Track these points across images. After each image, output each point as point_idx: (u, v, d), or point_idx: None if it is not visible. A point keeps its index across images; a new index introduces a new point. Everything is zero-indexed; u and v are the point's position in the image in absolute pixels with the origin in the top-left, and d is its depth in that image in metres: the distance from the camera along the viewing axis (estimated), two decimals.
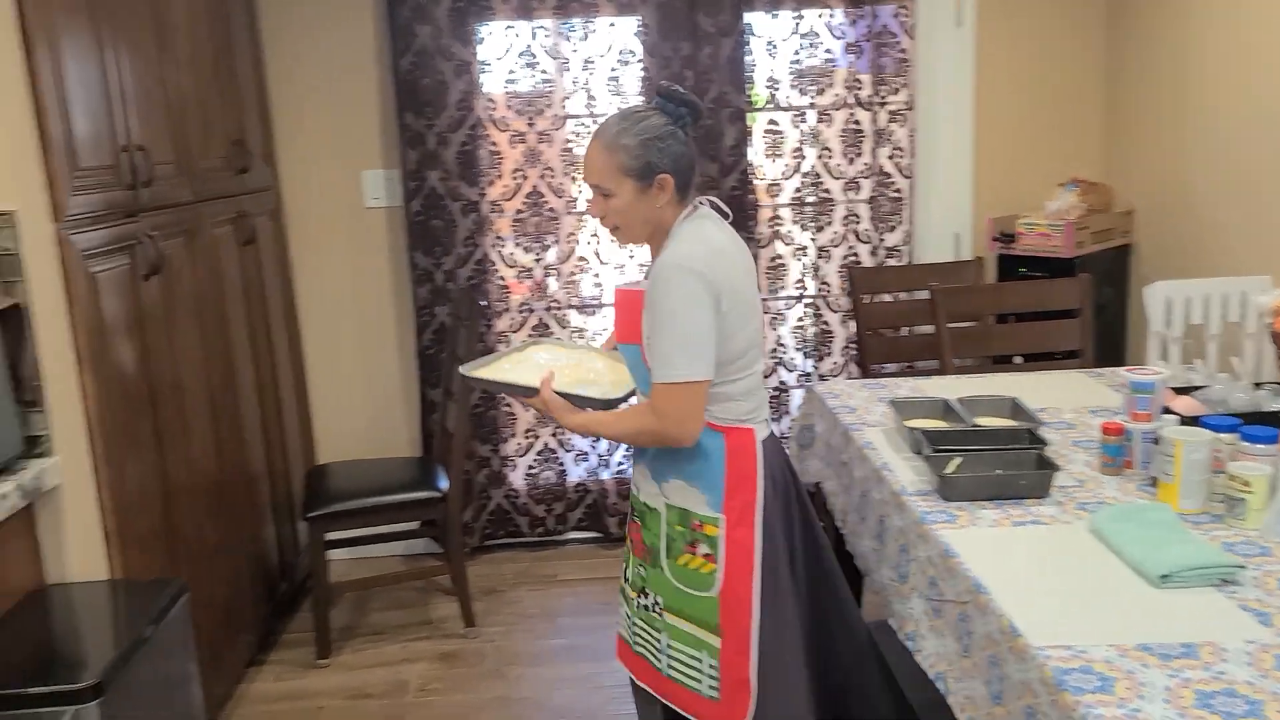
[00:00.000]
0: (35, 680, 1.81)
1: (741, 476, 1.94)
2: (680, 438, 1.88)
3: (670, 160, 1.88)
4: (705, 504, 1.95)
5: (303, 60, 3.65)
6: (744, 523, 1.93)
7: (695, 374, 1.84)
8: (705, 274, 1.82)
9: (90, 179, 2.33)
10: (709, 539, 1.94)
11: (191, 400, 2.80)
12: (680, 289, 1.81)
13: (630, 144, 1.86)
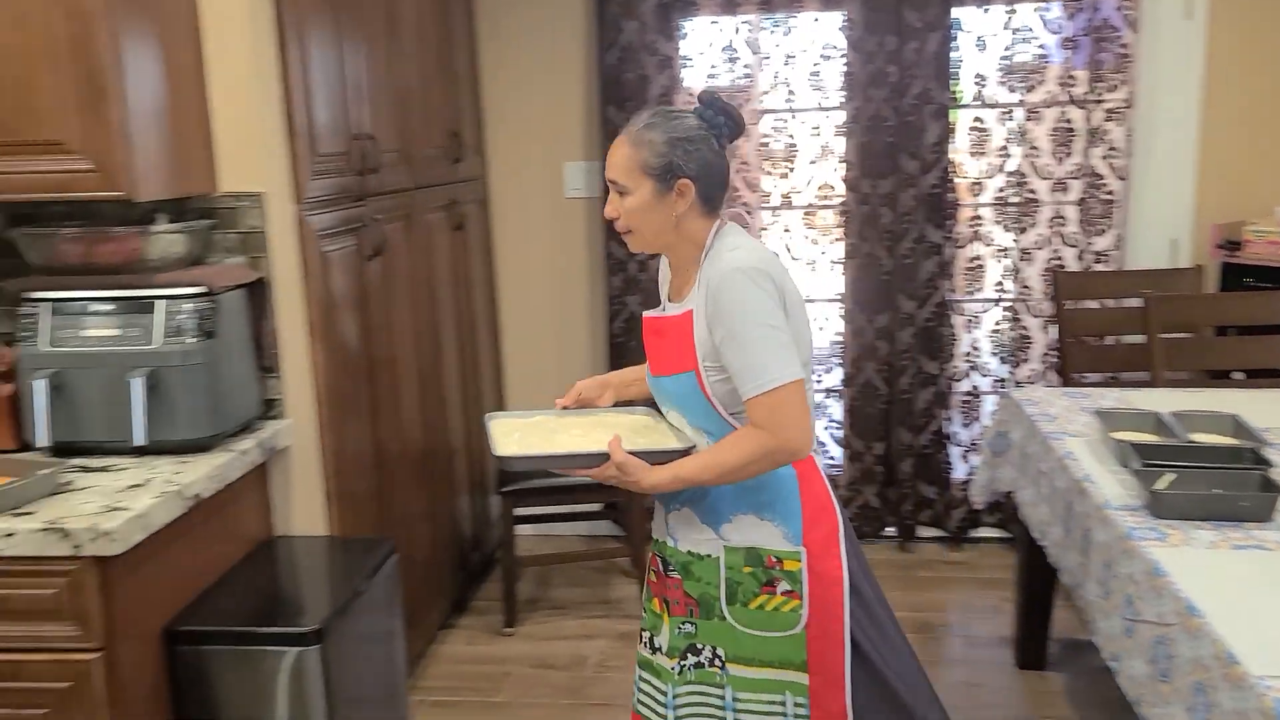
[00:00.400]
0: (264, 621, 1.99)
1: (819, 505, 1.81)
2: (799, 447, 1.70)
3: (695, 166, 1.73)
4: (782, 538, 1.79)
5: (513, 55, 3.81)
6: (829, 554, 1.80)
7: (793, 373, 1.68)
8: (771, 274, 1.71)
9: (326, 165, 2.52)
10: (790, 575, 1.79)
11: (403, 375, 2.99)
12: (755, 290, 1.68)
13: (656, 140, 1.73)
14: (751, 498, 1.80)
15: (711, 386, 1.75)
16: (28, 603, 1.75)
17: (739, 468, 1.71)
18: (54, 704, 1.77)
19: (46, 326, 2.07)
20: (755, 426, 1.69)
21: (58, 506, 1.81)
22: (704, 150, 1.74)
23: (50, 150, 1.93)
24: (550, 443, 1.82)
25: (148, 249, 2.10)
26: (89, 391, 2.05)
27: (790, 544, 1.79)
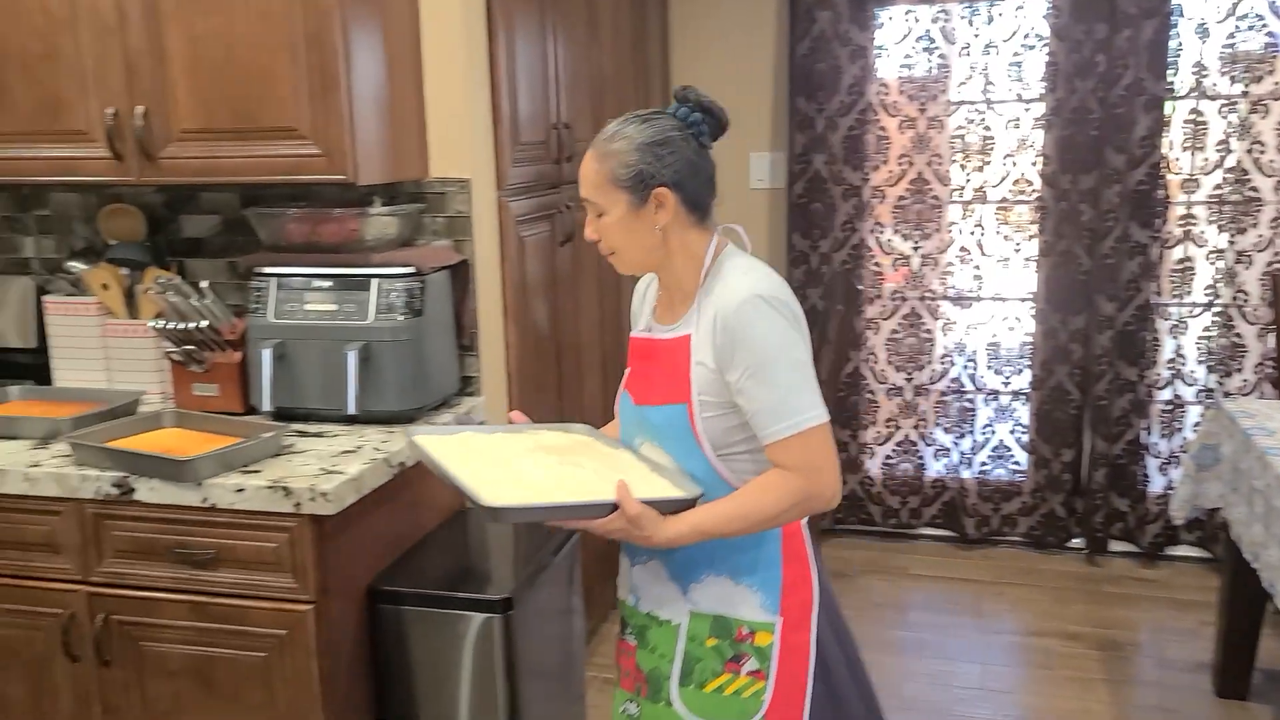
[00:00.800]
0: (457, 587, 2.09)
1: (800, 568, 1.60)
2: (834, 494, 1.52)
3: (672, 172, 1.53)
4: (758, 606, 1.57)
5: (704, 45, 3.83)
6: (802, 625, 1.59)
7: (824, 413, 1.50)
8: (790, 304, 1.53)
9: (526, 152, 2.60)
10: (759, 651, 1.57)
11: (586, 359, 3.06)
12: (780, 321, 1.49)
13: (622, 149, 1.53)
14: (730, 558, 1.57)
15: (703, 423, 1.54)
16: (253, 554, 1.89)
17: (771, 517, 1.50)
18: (272, 649, 1.91)
19: (273, 300, 2.23)
20: (788, 470, 1.49)
21: (281, 467, 1.95)
22: (682, 153, 1.54)
23: (284, 136, 2.07)
24: (515, 473, 1.57)
25: (365, 230, 2.23)
26: (308, 362, 2.20)
27: (766, 613, 1.57)
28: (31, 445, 2.10)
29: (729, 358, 1.50)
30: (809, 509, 1.52)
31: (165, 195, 2.52)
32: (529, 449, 1.67)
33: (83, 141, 2.15)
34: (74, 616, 1.99)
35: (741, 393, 1.50)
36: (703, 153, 1.58)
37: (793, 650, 1.57)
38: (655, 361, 1.61)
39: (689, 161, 1.55)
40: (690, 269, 1.58)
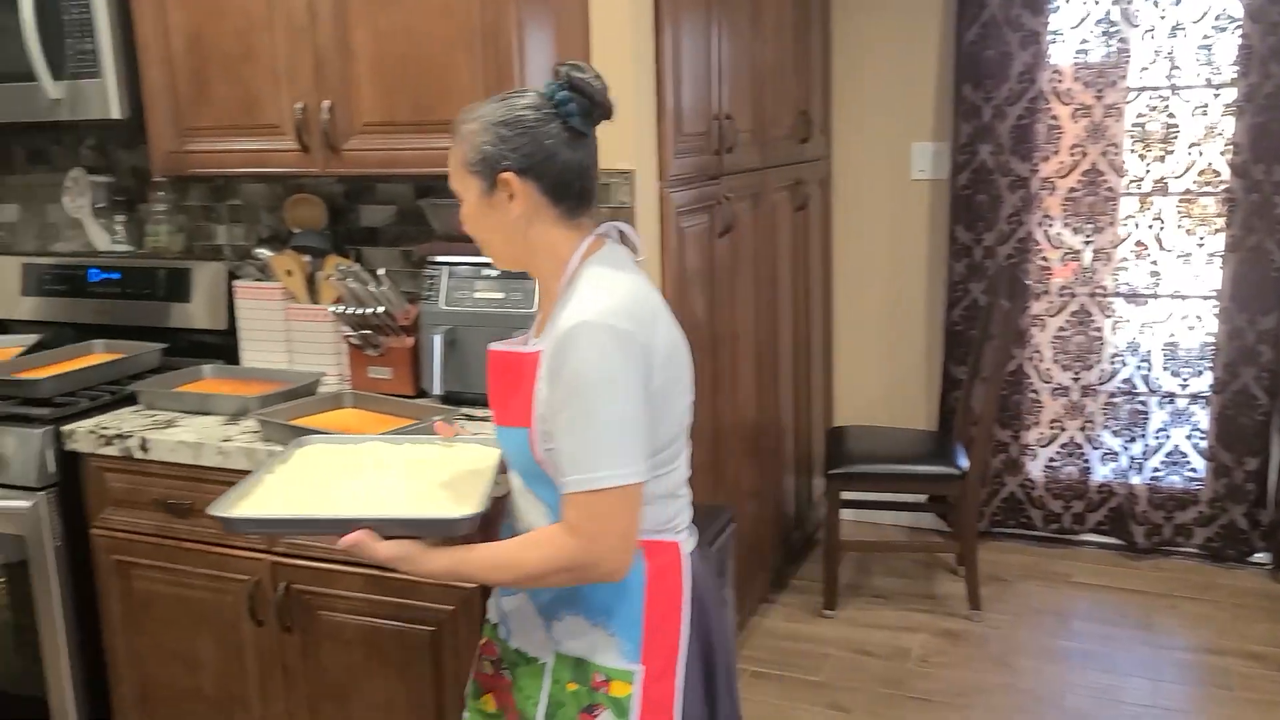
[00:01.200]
0: None
1: (666, 610, 1.44)
2: (613, 569, 1.35)
3: (523, 157, 1.36)
4: (616, 652, 1.43)
5: (866, 33, 3.75)
6: (666, 675, 1.43)
7: (628, 475, 1.31)
8: (636, 334, 1.32)
9: (688, 144, 2.61)
10: (616, 703, 1.42)
11: (741, 351, 3.05)
12: (609, 356, 1.30)
13: (475, 130, 1.39)
14: (588, 596, 1.43)
15: (545, 453, 1.38)
16: None
17: (534, 576, 1.36)
18: (439, 623, 1.98)
19: (444, 287, 2.31)
20: (566, 529, 1.34)
21: None
22: (537, 135, 1.36)
23: None
24: (326, 487, 1.53)
25: None
26: (475, 348, 2.26)
27: (624, 660, 1.43)
28: (223, 421, 2.24)
29: (554, 385, 1.33)
30: (583, 578, 1.37)
31: (345, 186, 2.64)
32: (391, 466, 1.64)
33: (274, 135, 2.27)
34: (259, 583, 2.11)
35: (552, 429, 1.34)
36: (575, 141, 1.39)
37: (655, 705, 1.42)
38: (508, 378, 1.45)
39: (546, 146, 1.37)
40: (554, 273, 1.42)
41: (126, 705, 2.31)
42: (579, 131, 1.39)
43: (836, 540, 3.30)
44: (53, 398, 2.32)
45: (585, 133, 1.40)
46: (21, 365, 2.51)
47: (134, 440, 2.14)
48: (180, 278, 2.71)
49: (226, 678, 2.19)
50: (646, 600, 1.43)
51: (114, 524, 2.22)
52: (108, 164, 2.87)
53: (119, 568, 2.24)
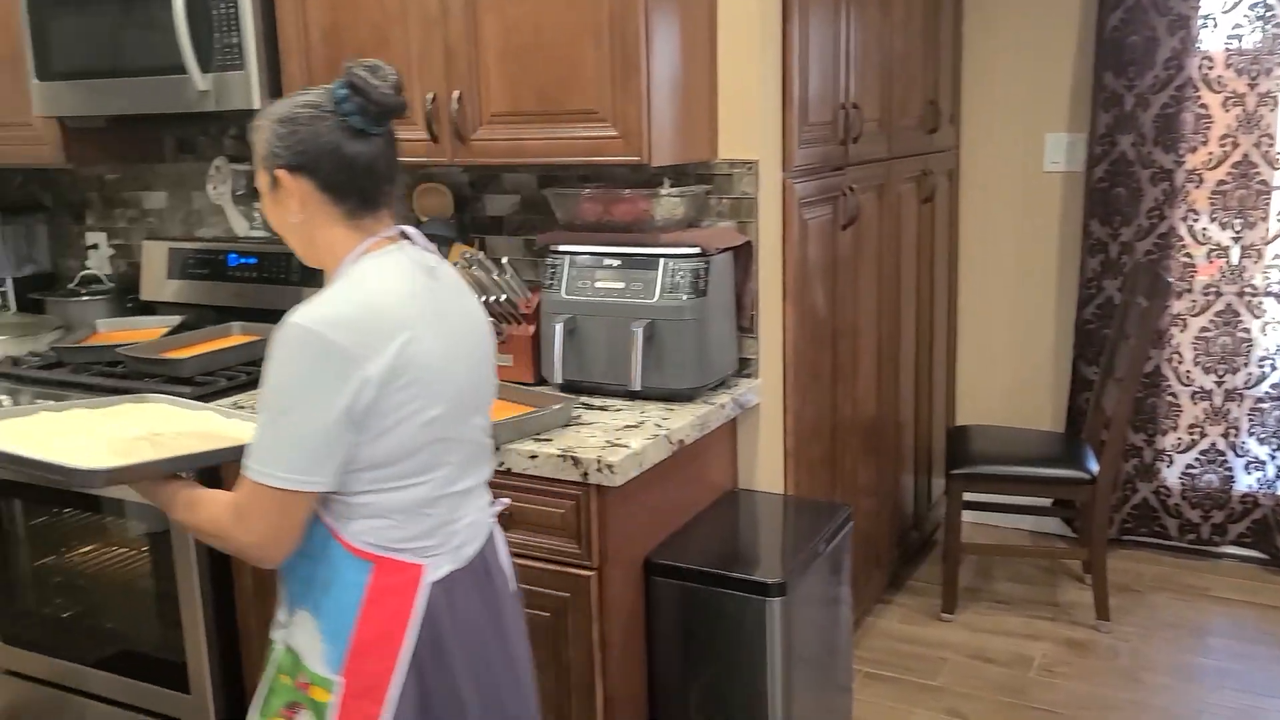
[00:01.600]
0: (731, 566, 2.10)
1: (383, 631, 1.39)
2: (258, 558, 1.37)
3: (297, 154, 1.37)
4: (322, 658, 1.40)
5: (1000, 20, 3.62)
6: (371, 696, 1.38)
7: (290, 480, 1.31)
8: (346, 349, 1.30)
9: (814, 133, 2.56)
10: (316, 707, 1.40)
11: (862, 345, 2.99)
12: (302, 360, 1.30)
13: (261, 126, 1.41)
14: (314, 593, 1.41)
15: None
16: (542, 518, 1.99)
17: (200, 530, 1.42)
18: (556, 610, 2.00)
19: (565, 276, 2.32)
20: (230, 503, 1.37)
21: (570, 437, 2.03)
22: (313, 133, 1.36)
23: (585, 119, 2.15)
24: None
25: (654, 210, 2.28)
26: (596, 337, 2.28)
27: (326, 668, 1.39)
28: None
29: (263, 374, 1.35)
30: (232, 551, 1.40)
31: (471, 175, 2.69)
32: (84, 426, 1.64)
33: (405, 124, 2.32)
34: None
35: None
36: (356, 137, 1.38)
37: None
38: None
39: (320, 144, 1.37)
40: (333, 272, 1.43)
41: (257, 674, 2.40)
42: (362, 130, 1.38)
43: (957, 542, 3.21)
44: (194, 377, 2.43)
45: (367, 131, 1.39)
46: (166, 345, 2.64)
47: None
48: None
49: None
50: (361, 614, 1.39)
51: None
52: (249, 153, 2.98)
53: None
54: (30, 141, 2.82)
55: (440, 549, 1.44)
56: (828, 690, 2.33)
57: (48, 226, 3.38)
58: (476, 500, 1.53)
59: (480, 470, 1.53)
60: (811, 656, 2.23)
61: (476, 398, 1.49)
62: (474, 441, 1.49)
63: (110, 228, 3.30)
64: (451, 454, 1.43)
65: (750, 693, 2.08)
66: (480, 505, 1.54)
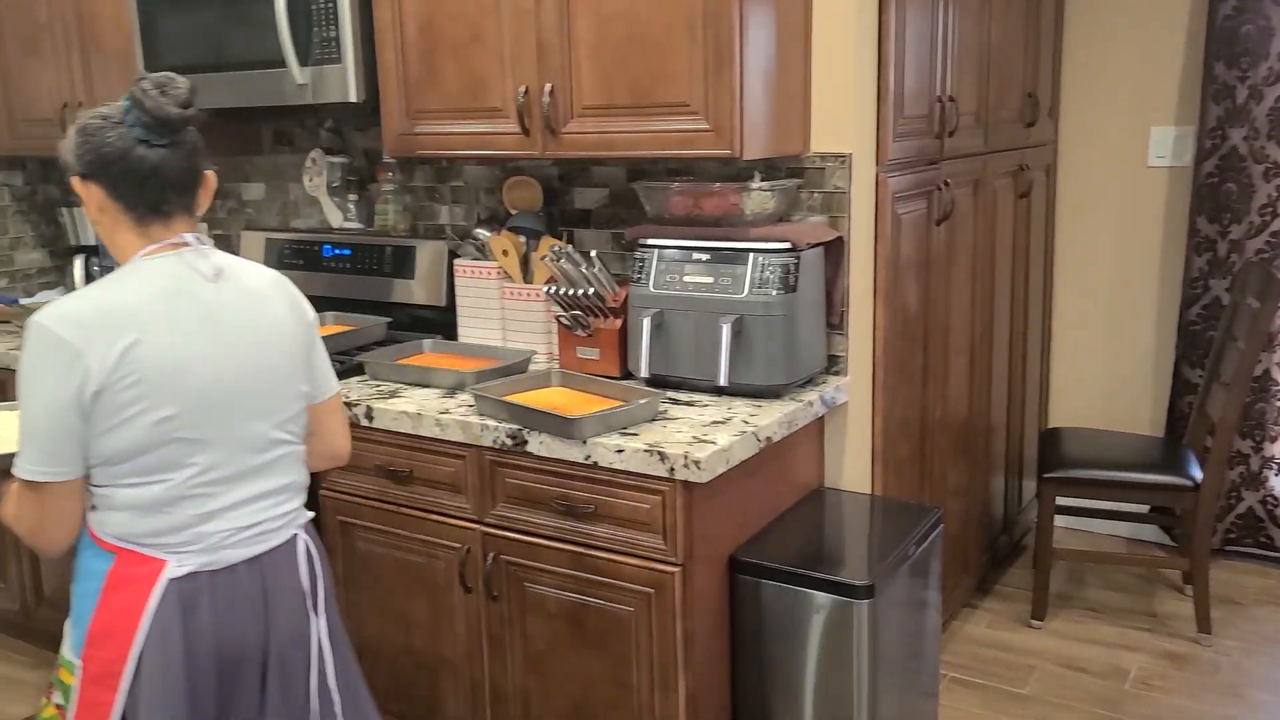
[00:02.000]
0: (816, 566, 2.07)
1: (118, 621, 1.44)
2: (33, 545, 1.48)
3: (85, 164, 1.45)
4: (69, 640, 1.51)
5: (1104, 7, 3.50)
6: (104, 684, 1.45)
7: (36, 471, 1.40)
8: (70, 342, 1.37)
9: (909, 127, 2.51)
10: (64, 689, 1.50)
11: (954, 344, 2.92)
12: (31, 354, 1.39)
13: (69, 134, 1.49)
14: (72, 576, 1.52)
15: None
16: (628, 512, 1.99)
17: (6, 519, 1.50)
18: (640, 605, 2.00)
19: (654, 270, 2.31)
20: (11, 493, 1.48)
21: (656, 432, 2.02)
22: (100, 144, 1.44)
23: (676, 112, 2.13)
24: None
25: (744, 204, 2.25)
26: (683, 332, 2.26)
27: (71, 652, 1.50)
28: (441, 394, 2.33)
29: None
30: (24, 539, 1.47)
31: (561, 169, 2.70)
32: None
33: (498, 118, 2.34)
34: (469, 552, 2.19)
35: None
36: (139, 147, 1.44)
37: (90, 707, 1.47)
38: None
39: (104, 154, 1.44)
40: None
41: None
42: (147, 141, 1.45)
43: (1049, 547, 3.12)
44: None
45: (151, 143, 1.45)
46: None
47: (360, 408, 2.26)
48: (404, 255, 2.85)
49: (436, 639, 2.29)
50: (99, 603, 1.46)
51: (340, 486, 2.36)
52: (343, 146, 3.04)
53: (343, 528, 2.38)
54: None
55: (188, 547, 1.48)
56: (913, 695, 2.28)
57: None
58: (256, 506, 1.54)
59: (267, 478, 1.55)
60: (897, 660, 2.18)
61: (256, 403, 1.52)
62: (249, 448, 1.52)
63: (211, 218, 3.40)
64: (199, 456, 1.47)
65: (835, 695, 2.05)
66: (263, 510, 1.55)
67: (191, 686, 1.47)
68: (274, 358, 1.54)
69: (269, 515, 1.56)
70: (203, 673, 1.48)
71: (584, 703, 2.11)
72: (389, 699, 2.40)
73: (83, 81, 3.02)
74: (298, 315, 1.60)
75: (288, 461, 1.59)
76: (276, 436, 1.55)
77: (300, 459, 1.63)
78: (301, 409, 1.61)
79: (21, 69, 3.17)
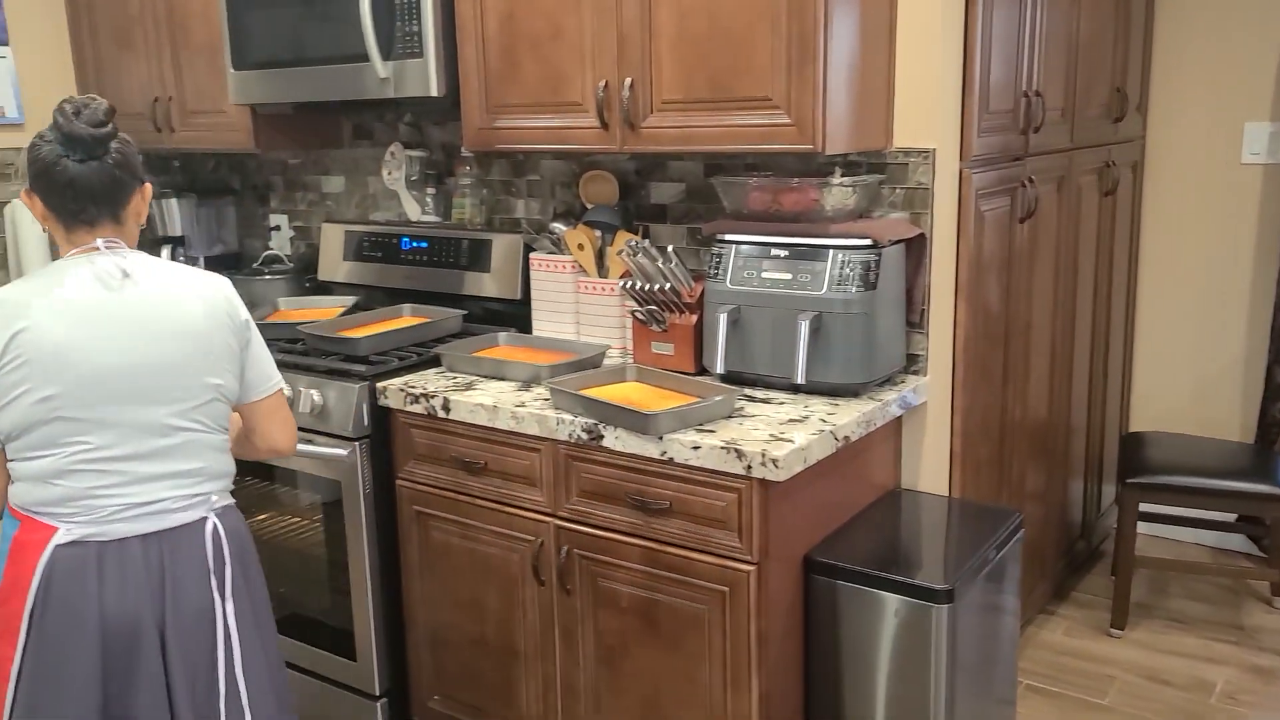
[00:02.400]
0: (893, 569, 2.04)
1: (15, 581, 1.62)
2: None
3: (29, 177, 1.63)
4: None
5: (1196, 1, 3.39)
6: (5, 639, 1.62)
7: None
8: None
9: (993, 122, 2.45)
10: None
11: (1035, 343, 2.86)
12: None
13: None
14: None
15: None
16: (703, 509, 1.97)
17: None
18: (714, 603, 1.98)
19: (731, 266, 2.29)
20: None
21: (733, 429, 2.01)
22: (34, 160, 1.61)
23: (757, 106, 2.11)
24: None
25: (824, 200, 2.23)
26: (759, 328, 2.24)
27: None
28: (517, 387, 2.34)
29: None
30: None
31: (637, 163, 2.69)
32: None
33: (577, 112, 2.34)
34: (543, 545, 2.20)
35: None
36: (62, 161, 1.59)
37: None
38: None
39: (37, 167, 1.61)
40: None
41: (419, 644, 2.48)
42: (66, 155, 1.59)
43: (1131, 554, 3.04)
44: (368, 356, 2.52)
45: (69, 157, 1.59)
46: (342, 324, 2.74)
47: (437, 400, 2.29)
48: (481, 248, 2.87)
49: (508, 630, 2.31)
50: (6, 564, 1.63)
51: (416, 477, 2.39)
52: (421, 140, 3.08)
53: (418, 518, 2.40)
54: (226, 128, 2.99)
55: (77, 518, 1.61)
56: (988, 701, 2.24)
57: (235, 209, 3.57)
58: (155, 485, 1.64)
59: (169, 461, 1.65)
60: (974, 666, 2.14)
61: (151, 392, 1.63)
62: (146, 432, 1.63)
63: (291, 210, 3.46)
64: (89, 435, 1.60)
65: (909, 699, 2.02)
66: (163, 490, 1.65)
67: (81, 650, 1.59)
68: (173, 352, 1.64)
69: (170, 495, 1.66)
70: (92, 637, 1.60)
71: (655, 699, 2.11)
72: (460, 687, 2.43)
73: (173, 75, 3.09)
74: (216, 316, 1.70)
75: (195, 448, 1.68)
76: (177, 424, 1.66)
77: (216, 447, 1.72)
78: (213, 400, 1.70)
79: (115, 62, 3.26)
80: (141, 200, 1.70)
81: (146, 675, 1.62)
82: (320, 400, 2.42)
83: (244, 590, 1.74)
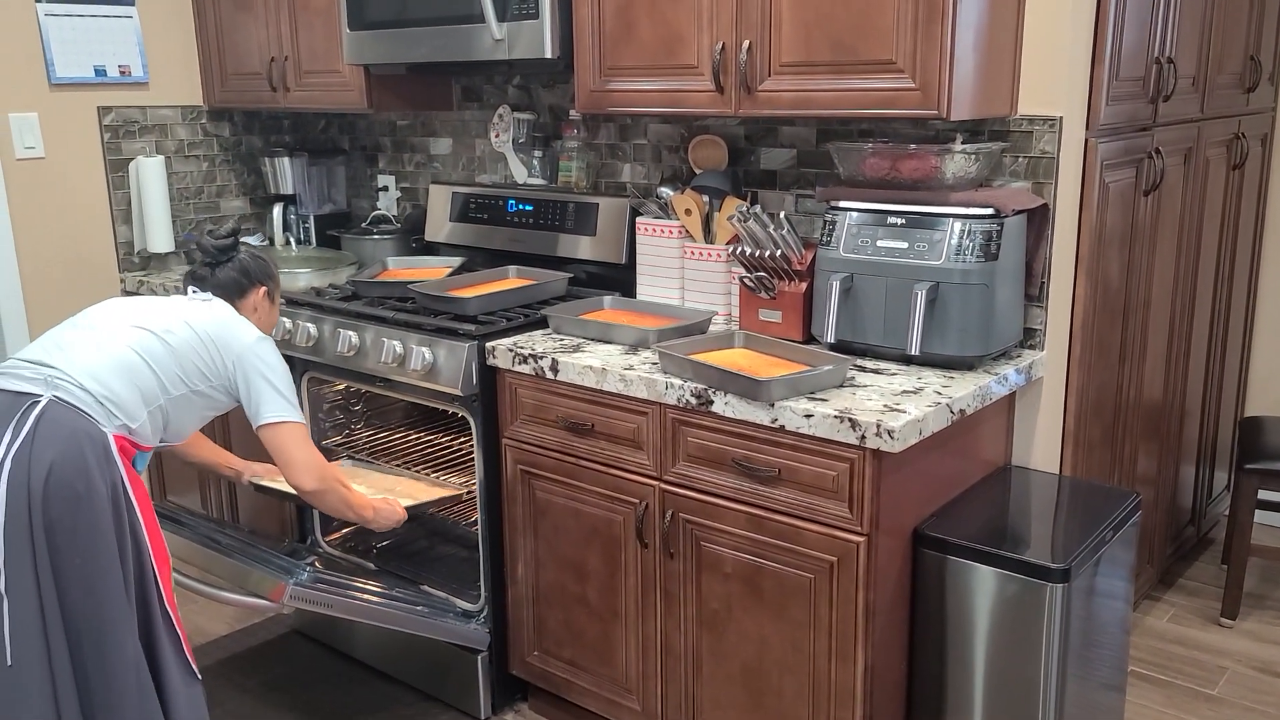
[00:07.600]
0: (1004, 545, 2.00)
1: None
2: None
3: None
4: None
5: None
6: None
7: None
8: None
9: (1123, 89, 2.36)
10: None
11: (1153, 321, 2.76)
12: None
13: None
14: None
15: None
16: (813, 478, 1.96)
17: None
18: (820, 573, 1.97)
19: (844, 233, 2.25)
20: None
21: (845, 399, 1.98)
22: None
23: (880, 70, 2.06)
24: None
25: (944, 168, 2.17)
26: (872, 297, 2.20)
27: None
28: (624, 350, 2.35)
29: None
30: None
31: (747, 128, 2.66)
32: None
33: (691, 75, 2.32)
34: (648, 508, 2.21)
35: None
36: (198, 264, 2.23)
37: None
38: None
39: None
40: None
41: (521, 600, 2.52)
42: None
43: (1246, 542, 2.93)
44: (477, 316, 2.55)
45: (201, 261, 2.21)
46: (451, 284, 2.77)
47: (545, 361, 2.30)
48: (586, 212, 2.87)
49: (609, 591, 2.33)
50: None
51: (522, 436, 2.42)
52: (529, 102, 3.08)
53: (524, 476, 2.43)
54: (339, 88, 3.03)
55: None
56: (1098, 687, 2.19)
57: (345, 168, 3.64)
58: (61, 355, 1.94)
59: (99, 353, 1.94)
60: (1084, 649, 2.09)
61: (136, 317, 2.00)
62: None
63: (399, 171, 3.51)
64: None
65: (1018, 679, 1.98)
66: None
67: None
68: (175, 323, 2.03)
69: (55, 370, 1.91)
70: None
71: (757, 665, 2.11)
72: (560, 645, 2.46)
73: (290, 35, 3.14)
74: (222, 334, 2.05)
75: (134, 371, 1.94)
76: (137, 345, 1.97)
77: (144, 391, 1.96)
78: (180, 377, 2.00)
79: (233, 23, 3.33)
80: (251, 299, 2.22)
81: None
82: (430, 358, 2.45)
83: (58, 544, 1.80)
